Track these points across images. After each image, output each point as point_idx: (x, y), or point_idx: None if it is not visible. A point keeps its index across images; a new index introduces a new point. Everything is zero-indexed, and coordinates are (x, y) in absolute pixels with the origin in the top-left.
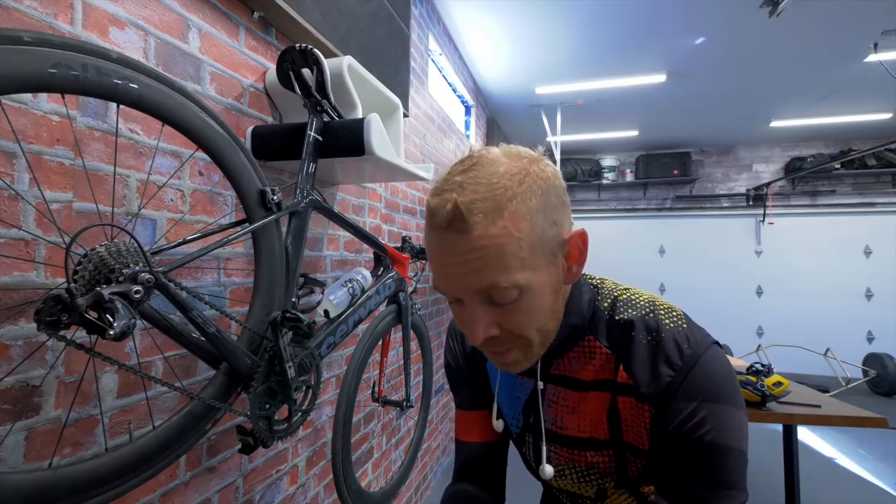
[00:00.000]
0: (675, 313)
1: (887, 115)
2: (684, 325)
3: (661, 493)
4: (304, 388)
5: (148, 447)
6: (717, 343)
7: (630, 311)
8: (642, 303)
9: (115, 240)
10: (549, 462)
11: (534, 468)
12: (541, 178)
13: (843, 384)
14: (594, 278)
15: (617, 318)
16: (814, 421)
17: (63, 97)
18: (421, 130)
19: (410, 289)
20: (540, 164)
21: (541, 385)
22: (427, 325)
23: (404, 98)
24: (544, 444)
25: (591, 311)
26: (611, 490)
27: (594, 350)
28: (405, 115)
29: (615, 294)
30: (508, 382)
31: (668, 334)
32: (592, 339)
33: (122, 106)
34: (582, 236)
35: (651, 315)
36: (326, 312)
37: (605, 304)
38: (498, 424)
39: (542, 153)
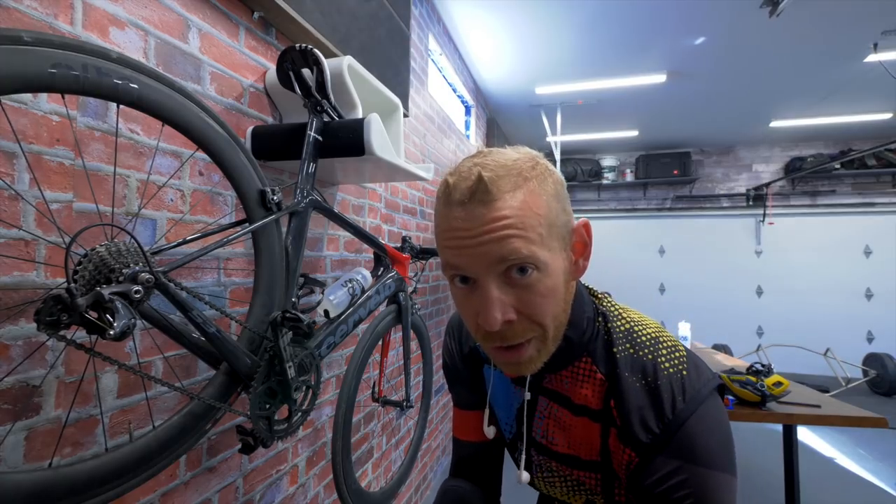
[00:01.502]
0: (677, 354)
1: (887, 115)
2: (684, 372)
3: None
4: (304, 388)
5: (148, 447)
6: (720, 387)
7: (629, 347)
8: (644, 339)
9: (116, 240)
10: (539, 472)
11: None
12: (548, 170)
13: (843, 384)
14: (596, 294)
15: (614, 349)
16: (814, 421)
17: (63, 97)
18: (421, 130)
19: (410, 289)
20: (542, 159)
21: (528, 395)
22: (427, 325)
23: (404, 98)
24: (524, 450)
25: (591, 332)
26: (599, 502)
27: (590, 374)
28: (405, 115)
29: (617, 323)
30: (503, 390)
31: (664, 382)
32: (590, 362)
33: (122, 106)
34: (587, 226)
35: (650, 357)
36: (326, 312)
37: (605, 329)
38: (489, 431)
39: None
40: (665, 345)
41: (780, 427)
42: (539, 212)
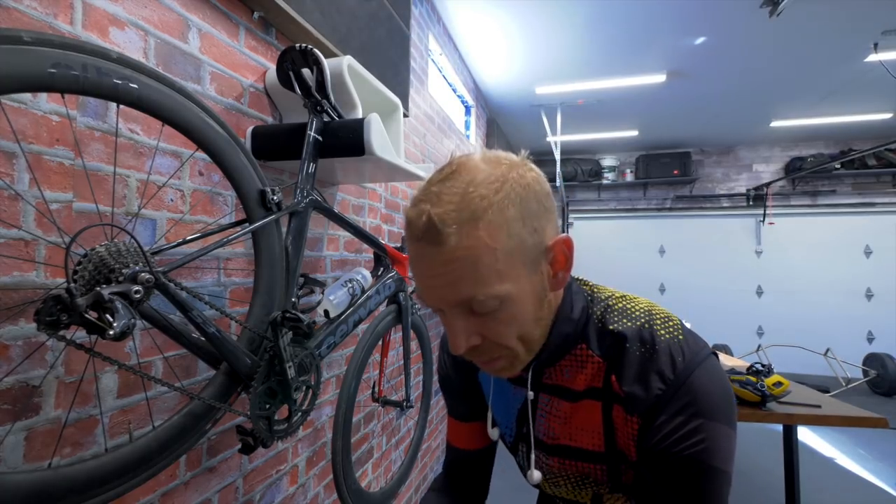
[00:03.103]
0: (671, 323)
1: (887, 115)
2: (680, 336)
3: None
4: (304, 388)
5: (148, 447)
6: (714, 353)
7: (625, 321)
8: (638, 312)
9: (115, 240)
10: (541, 471)
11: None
12: (519, 185)
13: (844, 384)
14: (588, 284)
15: (611, 327)
16: (814, 421)
17: (63, 97)
18: (421, 130)
19: (410, 289)
20: (520, 169)
21: (531, 395)
22: (427, 325)
23: (404, 98)
24: (532, 451)
25: (584, 319)
26: (606, 495)
27: (586, 358)
28: (405, 115)
29: (609, 303)
30: (502, 392)
31: (662, 346)
32: (585, 348)
33: (122, 106)
34: (566, 243)
35: (646, 326)
36: (326, 312)
37: (598, 313)
38: (493, 433)
39: (524, 157)
40: (659, 316)
41: (780, 427)
42: (496, 245)
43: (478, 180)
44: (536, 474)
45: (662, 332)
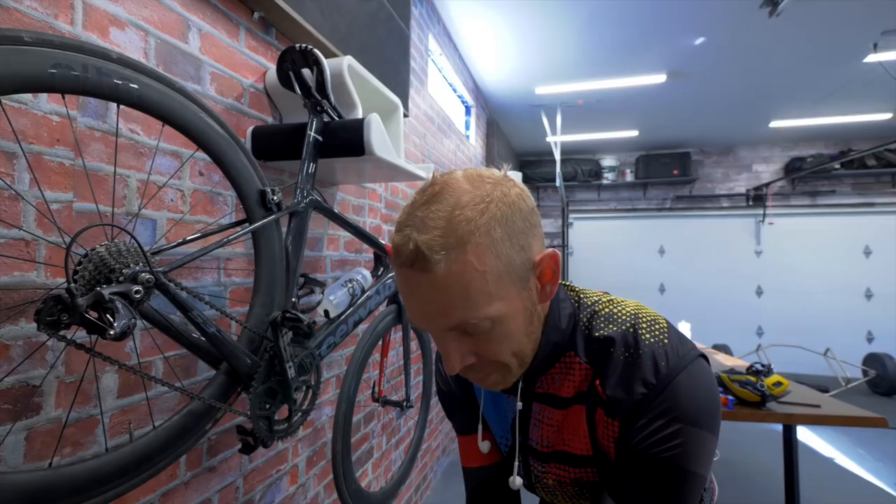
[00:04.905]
0: (657, 326)
1: (887, 115)
2: (665, 340)
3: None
4: (304, 387)
5: (148, 447)
6: (703, 356)
7: (611, 326)
8: (624, 317)
9: (116, 240)
10: (538, 482)
11: (526, 484)
12: (504, 204)
13: (843, 384)
14: (574, 289)
15: (596, 334)
16: (813, 421)
17: (63, 97)
18: (421, 130)
19: None
20: (504, 187)
21: (519, 405)
22: None
23: (404, 98)
24: (517, 458)
25: (571, 327)
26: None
27: (574, 365)
28: (405, 115)
29: (596, 308)
30: (496, 402)
31: (646, 350)
32: (573, 355)
33: (122, 106)
34: (553, 258)
35: (631, 330)
36: (326, 312)
37: (585, 319)
38: (483, 446)
39: (507, 171)
40: (645, 319)
41: (780, 427)
42: (485, 268)
43: (462, 202)
44: (518, 480)
45: (647, 335)
